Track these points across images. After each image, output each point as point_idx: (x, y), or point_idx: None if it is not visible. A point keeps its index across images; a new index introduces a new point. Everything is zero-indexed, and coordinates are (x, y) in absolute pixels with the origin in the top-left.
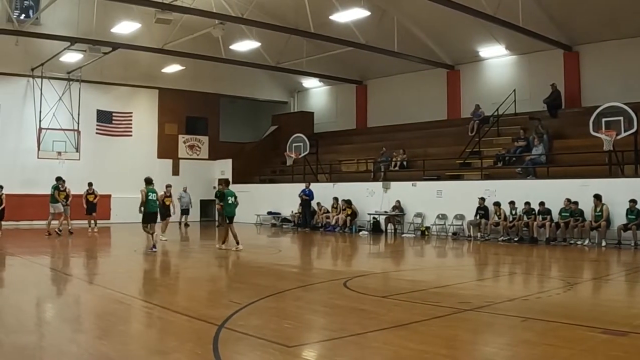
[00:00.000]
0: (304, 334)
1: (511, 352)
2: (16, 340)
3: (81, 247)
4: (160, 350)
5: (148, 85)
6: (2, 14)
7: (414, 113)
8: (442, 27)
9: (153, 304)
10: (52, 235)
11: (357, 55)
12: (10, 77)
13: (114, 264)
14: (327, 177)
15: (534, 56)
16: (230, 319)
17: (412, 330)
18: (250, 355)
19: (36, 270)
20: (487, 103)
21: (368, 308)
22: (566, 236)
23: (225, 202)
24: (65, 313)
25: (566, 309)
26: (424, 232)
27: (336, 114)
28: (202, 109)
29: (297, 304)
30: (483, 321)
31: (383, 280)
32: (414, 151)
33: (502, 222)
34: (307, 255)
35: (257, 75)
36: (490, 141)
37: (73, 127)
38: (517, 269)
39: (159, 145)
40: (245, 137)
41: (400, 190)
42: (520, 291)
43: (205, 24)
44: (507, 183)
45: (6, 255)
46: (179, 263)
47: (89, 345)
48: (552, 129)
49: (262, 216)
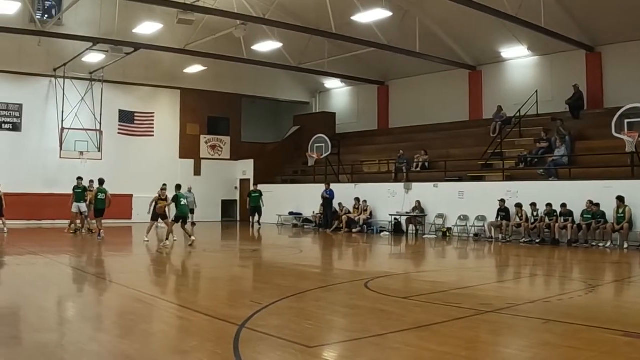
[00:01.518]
0: (324, 334)
1: (532, 354)
2: (38, 339)
3: (102, 246)
4: (180, 349)
5: (170, 86)
6: (25, 14)
7: (435, 114)
8: (464, 28)
9: (174, 303)
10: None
11: (379, 55)
12: (33, 78)
13: (135, 263)
14: (348, 177)
15: (556, 57)
16: (251, 319)
17: (432, 331)
18: (271, 355)
19: (57, 269)
20: (509, 104)
21: (389, 309)
22: (588, 238)
23: (178, 204)
24: (86, 312)
25: (588, 311)
26: (445, 233)
27: (358, 115)
28: (224, 110)
29: (318, 305)
30: (504, 323)
31: (404, 281)
32: (436, 152)
33: (524, 223)
34: (328, 255)
35: (279, 76)
36: (512, 142)
37: (95, 127)
38: (538, 271)
39: (181, 146)
40: (267, 138)
41: (422, 191)
42: (542, 293)
43: (227, 24)
44: (529, 184)
45: (28, 254)
46: (200, 263)
47: (110, 344)
48: (575, 130)
49: (283, 217)
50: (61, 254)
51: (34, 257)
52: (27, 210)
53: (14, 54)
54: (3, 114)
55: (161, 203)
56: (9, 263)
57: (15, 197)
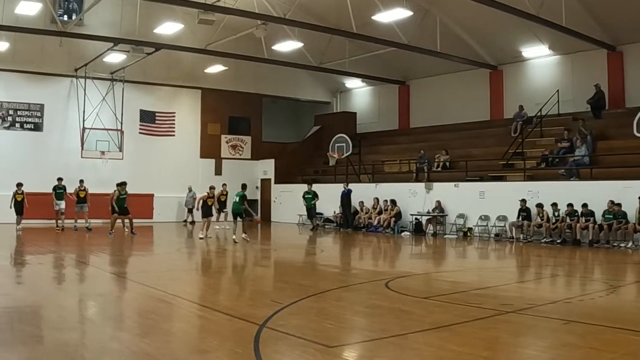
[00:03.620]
0: (344, 334)
1: (552, 355)
2: (58, 337)
3: (122, 245)
4: (201, 349)
5: (191, 86)
6: (46, 15)
7: (456, 114)
8: (485, 27)
9: (195, 302)
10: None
11: (400, 55)
12: (55, 78)
13: (156, 263)
14: (369, 177)
15: (577, 56)
16: (272, 318)
17: (453, 331)
18: (291, 355)
19: (79, 267)
20: (530, 103)
21: (409, 309)
22: (609, 238)
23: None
24: (107, 310)
25: (609, 312)
26: (466, 233)
27: (379, 115)
28: (245, 109)
29: (339, 304)
30: (525, 323)
31: (424, 281)
32: (457, 152)
33: (545, 223)
34: (348, 255)
35: (300, 76)
36: (533, 142)
37: (116, 127)
38: (559, 271)
39: (202, 145)
40: (287, 137)
41: (443, 191)
42: (563, 293)
43: (248, 24)
44: (550, 184)
45: (49, 253)
46: (221, 262)
47: (131, 343)
48: (596, 129)
49: (304, 216)
50: (82, 253)
51: (55, 256)
52: (49, 209)
53: (36, 54)
54: (25, 114)
55: (210, 201)
56: (31, 262)
57: (37, 196)
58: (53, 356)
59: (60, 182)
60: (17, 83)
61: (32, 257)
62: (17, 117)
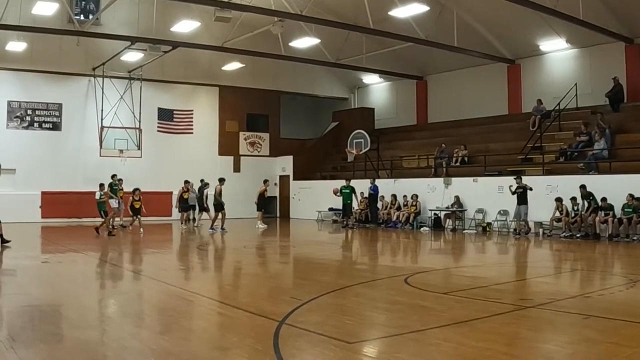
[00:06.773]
0: (364, 330)
1: (572, 350)
2: (78, 335)
3: (141, 243)
4: (221, 346)
5: (208, 83)
6: (63, 15)
7: (474, 108)
8: (502, 21)
9: (214, 299)
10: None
11: (417, 50)
12: (72, 77)
13: (176, 260)
14: (387, 173)
15: (595, 49)
16: (291, 315)
17: (472, 327)
18: (311, 351)
19: (98, 266)
20: (548, 97)
21: (429, 305)
22: (629, 232)
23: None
24: (127, 308)
25: (629, 306)
26: (485, 228)
27: (396, 110)
28: (263, 106)
29: (358, 301)
30: (544, 318)
31: (444, 276)
32: (475, 147)
33: (564, 218)
34: (368, 251)
35: (317, 72)
36: (551, 136)
37: (134, 125)
38: (578, 266)
39: (220, 143)
40: (306, 134)
41: (462, 186)
42: (582, 288)
43: (265, 21)
44: (569, 178)
45: (69, 251)
46: (240, 259)
47: (151, 341)
48: (614, 123)
49: (323, 212)
50: (102, 251)
51: (75, 255)
52: (68, 208)
53: (54, 54)
54: (43, 113)
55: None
56: (51, 261)
57: (56, 195)
58: (73, 354)
59: (114, 179)
60: (35, 83)
61: (52, 255)
62: (36, 116)
